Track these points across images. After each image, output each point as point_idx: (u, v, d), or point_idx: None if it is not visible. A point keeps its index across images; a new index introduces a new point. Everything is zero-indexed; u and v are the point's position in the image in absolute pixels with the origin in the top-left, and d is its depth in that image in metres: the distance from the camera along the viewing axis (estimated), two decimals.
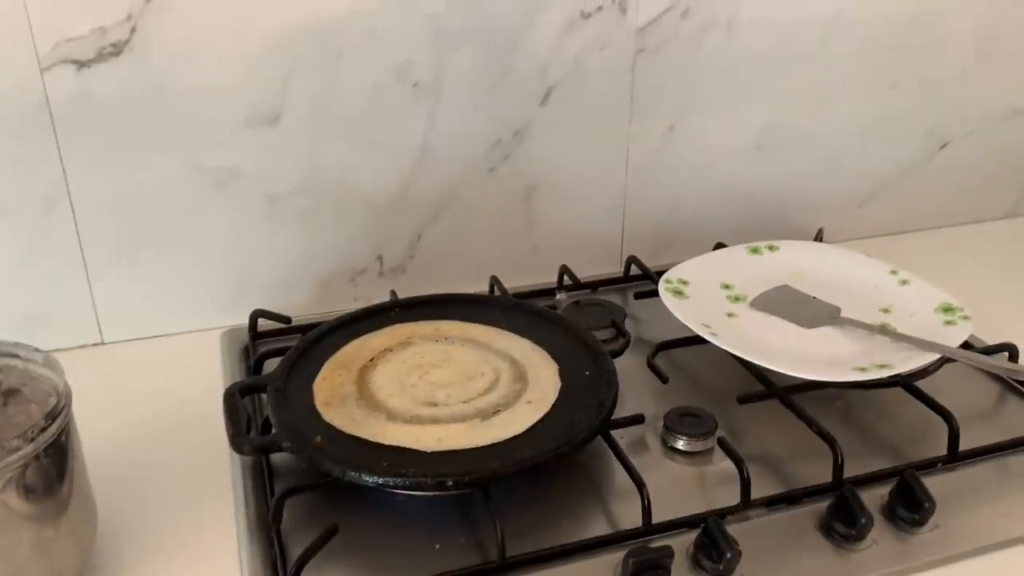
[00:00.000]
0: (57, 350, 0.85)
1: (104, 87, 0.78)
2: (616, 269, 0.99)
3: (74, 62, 0.77)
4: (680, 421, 0.71)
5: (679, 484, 0.68)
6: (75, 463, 0.56)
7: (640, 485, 0.62)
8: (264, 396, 0.71)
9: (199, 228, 0.86)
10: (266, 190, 0.86)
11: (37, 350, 0.59)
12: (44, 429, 0.52)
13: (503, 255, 0.96)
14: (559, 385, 0.71)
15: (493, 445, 0.64)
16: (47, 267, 0.83)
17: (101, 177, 0.81)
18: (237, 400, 0.68)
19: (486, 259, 0.95)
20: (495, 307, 0.82)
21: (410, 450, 0.64)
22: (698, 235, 1.00)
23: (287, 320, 0.86)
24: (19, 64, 0.75)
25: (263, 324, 0.87)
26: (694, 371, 0.81)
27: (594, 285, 0.96)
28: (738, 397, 0.73)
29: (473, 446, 0.64)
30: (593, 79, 0.92)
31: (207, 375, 0.81)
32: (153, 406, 0.78)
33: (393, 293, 0.88)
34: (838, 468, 0.66)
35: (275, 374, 0.72)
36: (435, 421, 0.67)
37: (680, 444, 0.70)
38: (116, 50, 0.77)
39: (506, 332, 0.78)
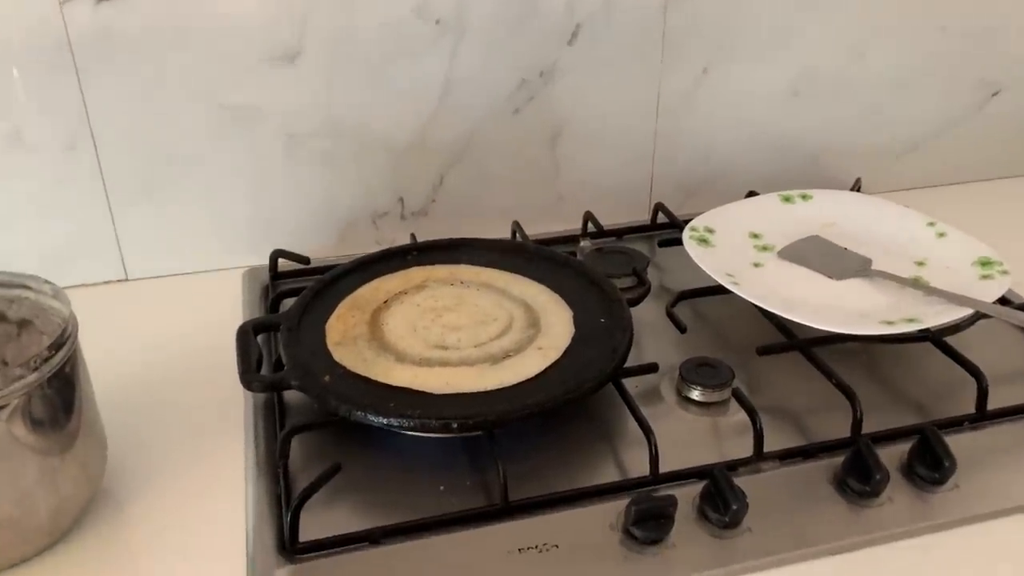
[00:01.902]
0: (83, 285, 0.87)
1: (122, 22, 0.77)
2: (644, 217, 0.97)
3: None
4: (696, 371, 0.69)
5: (692, 435, 0.66)
6: (82, 394, 0.57)
7: (648, 433, 0.61)
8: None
9: (221, 167, 0.86)
10: (286, 130, 0.86)
11: (47, 282, 0.60)
12: (48, 359, 0.53)
13: (526, 201, 0.95)
14: (572, 332, 0.70)
15: (501, 389, 0.63)
16: (72, 203, 0.84)
17: (122, 114, 0.81)
18: (250, 338, 0.69)
19: (509, 205, 0.94)
20: (512, 252, 0.81)
21: (417, 392, 0.63)
22: (730, 183, 0.97)
23: (306, 260, 0.86)
24: None
25: (285, 265, 0.87)
26: (715, 322, 0.79)
27: (619, 233, 0.94)
28: (757, 348, 0.70)
29: (480, 390, 0.63)
30: (623, 18, 0.88)
31: (227, 313, 0.82)
32: (173, 343, 0.78)
33: (413, 237, 0.87)
34: (856, 422, 0.64)
35: (289, 313, 0.72)
36: (444, 364, 0.66)
37: (695, 394, 0.68)
38: None
39: (521, 278, 0.77)
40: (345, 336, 0.69)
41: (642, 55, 0.91)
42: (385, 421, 0.60)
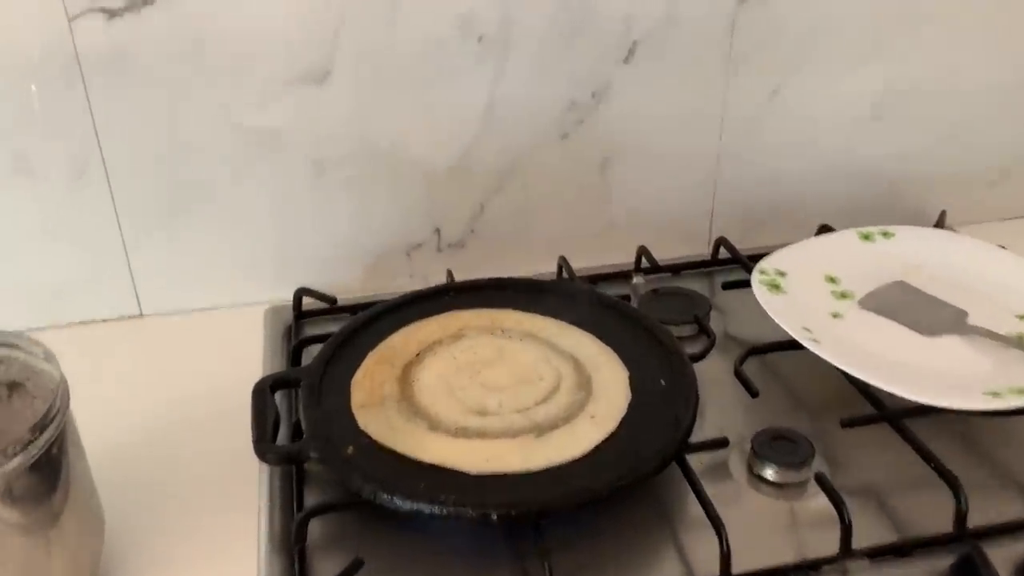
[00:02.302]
0: (94, 321, 0.81)
1: (136, 40, 0.71)
2: (703, 251, 0.88)
3: (103, 11, 0.69)
4: (771, 446, 0.61)
5: (766, 522, 0.58)
6: (71, 474, 0.50)
7: (719, 527, 0.53)
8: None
9: (241, 195, 0.79)
10: (313, 155, 0.78)
11: (37, 343, 0.53)
12: (29, 443, 0.46)
13: (574, 232, 0.86)
14: (629, 397, 0.62)
15: (547, 470, 0.55)
16: (82, 233, 0.77)
17: (136, 137, 0.75)
18: (266, 398, 0.61)
19: (555, 236, 0.86)
20: (560, 295, 0.73)
21: (452, 470, 0.55)
22: (800, 215, 0.88)
23: (332, 301, 0.79)
24: (45, 12, 0.68)
25: (310, 302, 0.80)
26: (790, 381, 0.70)
27: (676, 269, 0.85)
28: (841, 420, 0.62)
29: (524, 470, 0.55)
30: (687, 33, 0.79)
31: (246, 357, 0.74)
32: (185, 390, 0.72)
33: (450, 273, 0.80)
34: (960, 516, 0.55)
35: (311, 367, 0.64)
36: (483, 435, 0.58)
37: (769, 473, 0.60)
38: None
39: (571, 327, 0.69)
40: (372, 396, 0.62)
41: (705, 73, 0.82)
42: (415, 507, 0.53)
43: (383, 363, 0.65)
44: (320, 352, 0.66)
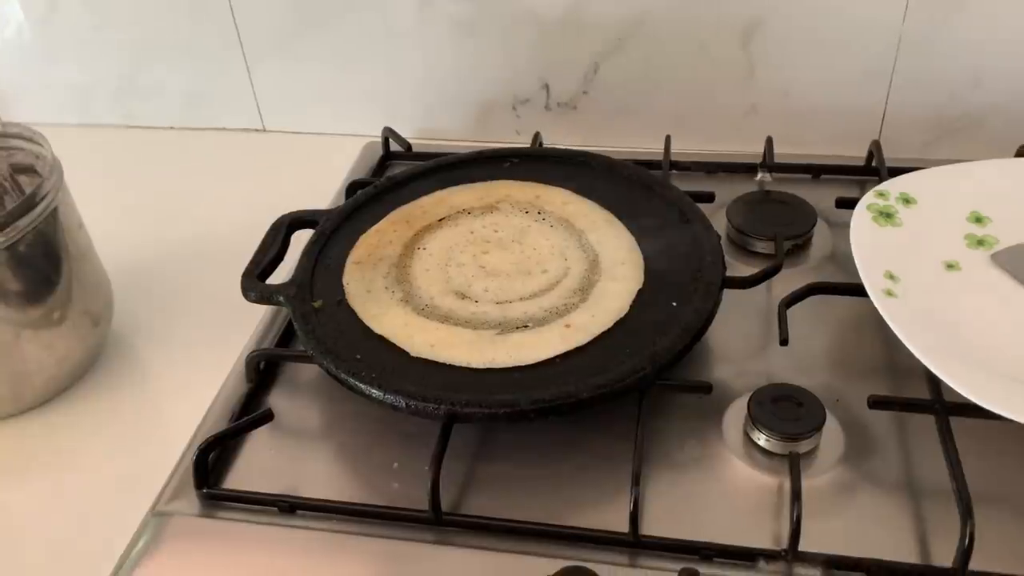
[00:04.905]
0: (222, 128, 0.86)
1: None
2: (863, 154, 0.72)
3: None
4: (771, 407, 0.50)
5: (740, 496, 0.48)
6: (65, 254, 0.55)
7: (636, 481, 0.45)
8: None
9: (352, 23, 0.77)
10: None
11: (38, 134, 0.57)
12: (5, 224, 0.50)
13: (702, 108, 0.75)
14: (623, 312, 0.54)
15: (488, 371, 0.51)
16: (207, 44, 0.81)
17: None
18: (279, 234, 0.62)
19: (678, 110, 0.75)
20: (624, 184, 0.64)
21: (394, 347, 0.53)
22: (1002, 129, 0.69)
23: (407, 146, 0.76)
24: None
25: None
26: (851, 337, 0.56)
27: (815, 171, 0.71)
28: (870, 398, 0.49)
29: (464, 364, 0.51)
30: None
31: (328, 185, 0.75)
32: (251, 207, 0.72)
33: (537, 137, 0.73)
34: (964, 553, 0.43)
35: (331, 213, 0.63)
36: (446, 319, 0.54)
37: (761, 439, 0.50)
38: None
39: (616, 221, 0.61)
40: (371, 255, 0.60)
41: None
42: (340, 376, 0.51)
43: (401, 222, 0.62)
44: (350, 200, 0.65)
